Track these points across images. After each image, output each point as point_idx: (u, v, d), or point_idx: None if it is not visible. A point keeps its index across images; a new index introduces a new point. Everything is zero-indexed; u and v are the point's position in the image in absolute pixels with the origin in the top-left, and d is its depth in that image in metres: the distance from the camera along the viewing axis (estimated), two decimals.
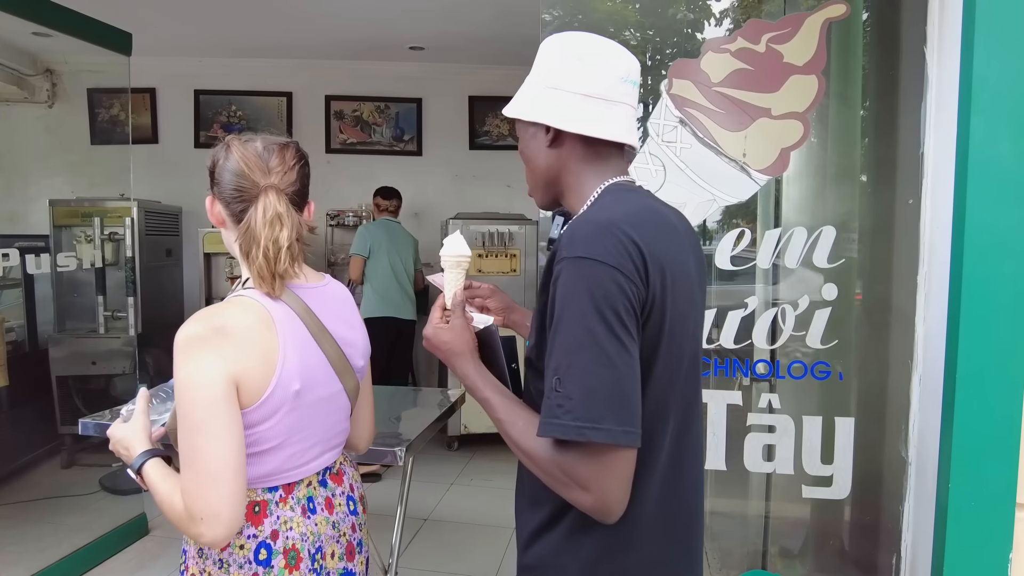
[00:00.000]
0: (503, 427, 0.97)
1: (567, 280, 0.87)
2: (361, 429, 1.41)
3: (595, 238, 0.88)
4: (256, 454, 1.16)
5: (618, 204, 0.97)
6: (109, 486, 3.65)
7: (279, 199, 1.18)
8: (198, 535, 1.08)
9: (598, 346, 0.84)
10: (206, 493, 1.07)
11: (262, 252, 1.14)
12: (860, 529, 1.66)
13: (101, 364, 3.88)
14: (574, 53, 1.01)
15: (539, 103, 1.03)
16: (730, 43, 1.52)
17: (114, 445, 1.24)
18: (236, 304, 1.17)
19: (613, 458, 0.85)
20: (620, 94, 1.01)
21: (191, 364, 1.08)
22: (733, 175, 1.52)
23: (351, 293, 1.41)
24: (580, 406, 0.83)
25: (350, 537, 1.33)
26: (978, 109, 1.18)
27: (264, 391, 1.13)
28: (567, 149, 1.03)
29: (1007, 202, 1.18)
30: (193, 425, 1.08)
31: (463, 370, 1.07)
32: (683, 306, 0.95)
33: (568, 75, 1.00)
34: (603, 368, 0.84)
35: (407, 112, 5.14)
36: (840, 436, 1.53)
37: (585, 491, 0.86)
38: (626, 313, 0.85)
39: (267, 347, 1.14)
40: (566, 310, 0.87)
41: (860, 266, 1.60)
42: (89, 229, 3.77)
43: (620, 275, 0.85)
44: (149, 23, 3.51)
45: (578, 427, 0.83)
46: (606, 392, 0.83)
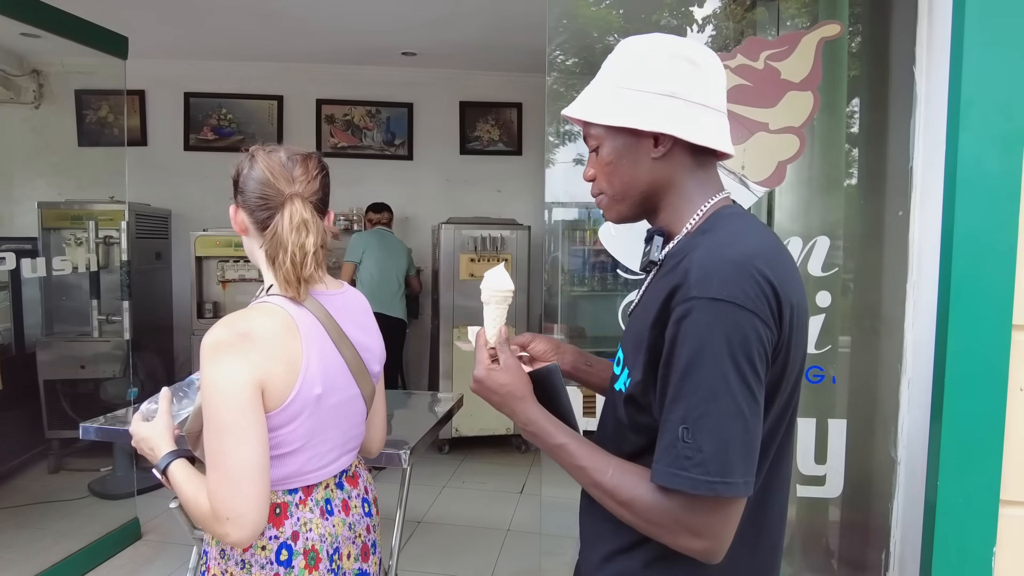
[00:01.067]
0: (587, 474, 0.92)
1: (701, 323, 0.82)
2: (374, 433, 1.44)
3: (732, 278, 0.82)
4: (278, 456, 1.20)
5: (746, 235, 0.90)
6: (99, 491, 3.62)
7: (304, 206, 1.21)
8: (224, 535, 1.11)
9: (731, 397, 0.80)
10: (232, 494, 1.10)
11: (289, 258, 1.18)
12: (851, 526, 1.73)
13: (90, 368, 3.85)
14: (687, 58, 0.94)
15: (651, 111, 0.93)
16: (730, 59, 1.58)
17: (138, 443, 1.27)
18: (261, 310, 1.20)
19: (732, 508, 0.83)
20: (724, 103, 0.96)
21: (218, 368, 1.11)
22: (732, 187, 1.58)
23: None
24: (713, 461, 0.80)
25: (365, 538, 1.36)
26: (966, 127, 1.25)
27: (288, 395, 1.16)
28: (676, 162, 0.95)
29: (993, 216, 1.25)
30: (220, 428, 1.11)
31: (527, 415, 0.98)
32: (802, 346, 0.91)
33: (683, 82, 0.92)
34: (736, 420, 0.81)
35: (398, 117, 5.16)
36: (833, 437, 1.59)
37: (698, 538, 0.84)
38: (760, 360, 0.82)
39: (291, 352, 1.17)
40: (700, 355, 0.81)
41: (852, 274, 1.67)
42: (79, 232, 3.74)
43: (758, 320, 0.81)
44: (139, 25, 3.50)
45: (709, 482, 0.80)
46: (738, 446, 0.81)
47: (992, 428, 1.26)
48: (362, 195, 5.02)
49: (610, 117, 0.95)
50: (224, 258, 4.42)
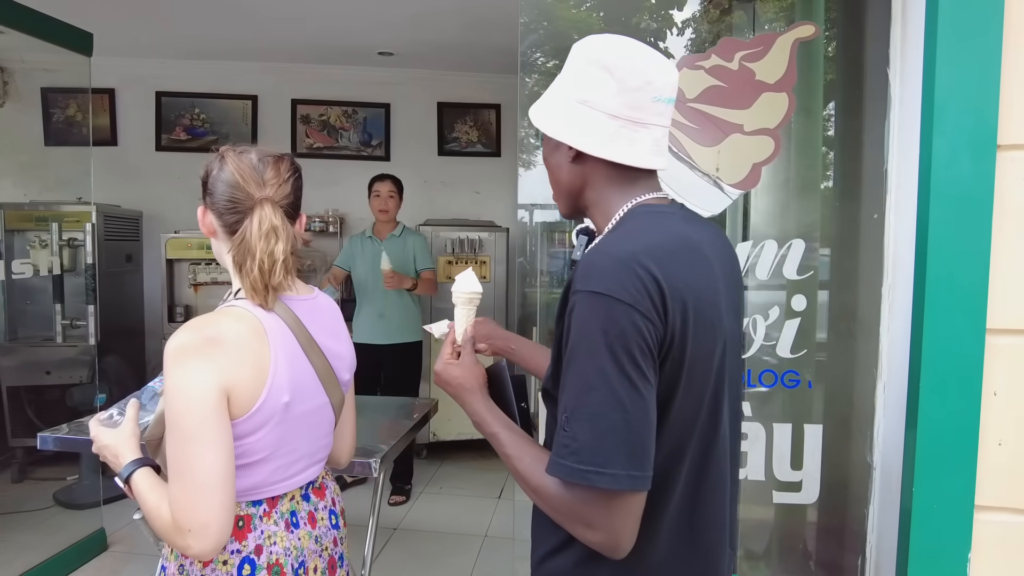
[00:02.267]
0: (511, 463, 0.96)
1: (580, 315, 0.85)
2: (343, 443, 1.40)
3: (612, 272, 0.84)
4: (243, 466, 1.15)
5: (641, 232, 0.91)
6: (64, 500, 3.52)
7: (274, 212, 1.17)
8: (185, 547, 1.07)
9: (609, 387, 0.81)
10: (195, 504, 1.05)
11: (257, 265, 1.14)
12: (827, 532, 1.72)
13: (56, 374, 3.74)
14: (605, 64, 0.94)
15: (562, 118, 0.97)
16: (704, 60, 1.57)
17: (100, 449, 1.22)
18: (229, 314, 1.16)
19: (621, 502, 0.84)
20: (651, 114, 0.93)
21: (182, 373, 1.07)
22: (706, 189, 1.56)
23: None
24: (587, 449, 0.82)
25: (332, 551, 1.32)
26: (939, 131, 1.24)
27: (255, 402, 1.12)
28: (590, 168, 0.97)
29: (967, 219, 1.24)
30: (183, 435, 1.06)
31: (472, 406, 1.06)
32: (707, 343, 0.90)
33: (596, 90, 0.93)
34: (613, 411, 0.81)
35: (375, 117, 5.10)
36: (809, 442, 1.58)
37: (593, 530, 0.85)
38: (640, 353, 0.82)
39: (259, 358, 1.13)
40: (579, 347, 0.84)
41: (827, 278, 1.66)
42: (44, 234, 3.64)
43: (636, 313, 0.82)
44: (109, 22, 3.41)
45: (583, 471, 0.82)
46: (615, 436, 0.81)
47: (967, 433, 1.26)
48: (338, 197, 4.95)
49: (537, 120, 1.01)
50: (196, 261, 4.33)
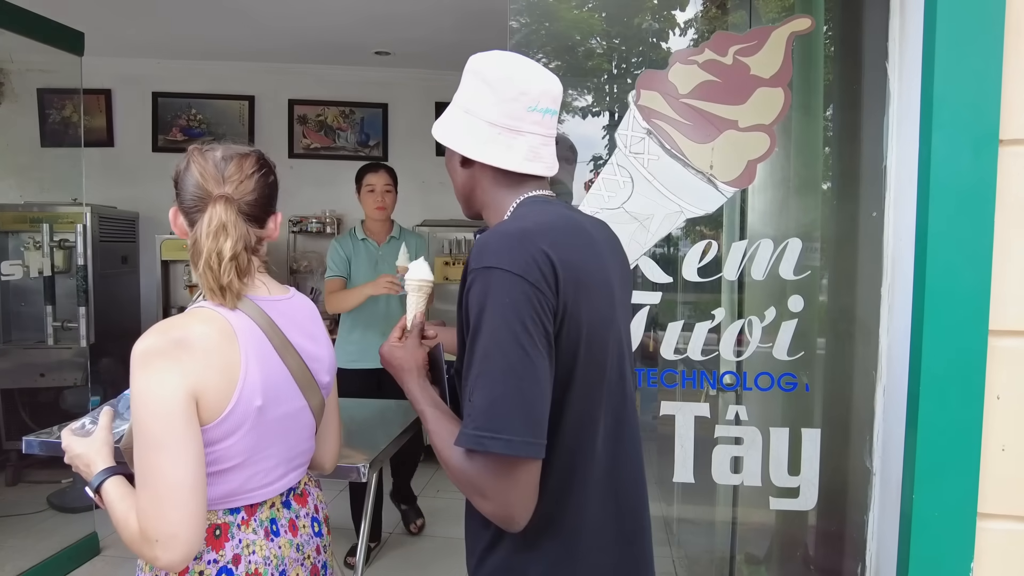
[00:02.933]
0: (432, 438, 1.00)
1: (476, 291, 0.89)
2: (327, 448, 1.37)
3: (503, 248, 0.89)
4: (216, 473, 1.12)
5: (530, 215, 0.98)
6: (57, 504, 3.49)
7: (227, 209, 1.13)
8: (153, 558, 1.03)
9: (503, 356, 0.85)
10: (162, 513, 1.02)
11: (204, 262, 1.11)
12: (826, 538, 1.68)
13: (50, 376, 3.71)
14: (485, 77, 1.02)
15: (451, 127, 1.05)
16: (698, 55, 1.53)
17: (72, 459, 1.19)
18: (196, 316, 1.13)
19: (514, 469, 0.86)
20: (528, 123, 1.00)
21: (148, 378, 1.04)
22: (700, 187, 1.52)
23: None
24: (482, 416, 0.84)
25: (315, 560, 1.29)
26: (939, 126, 1.20)
27: (225, 407, 1.09)
28: (478, 171, 1.05)
29: (968, 218, 1.20)
30: (150, 441, 1.03)
31: (408, 385, 1.11)
32: (603, 311, 0.95)
33: (477, 100, 1.02)
34: (507, 378, 0.84)
35: (372, 117, 5.07)
36: (807, 447, 1.54)
37: (486, 499, 0.88)
38: (532, 323, 0.86)
39: (228, 361, 1.10)
40: (478, 320, 0.88)
41: (825, 278, 1.62)
42: (38, 236, 3.61)
43: (527, 284, 0.86)
44: (105, 22, 3.40)
45: (478, 436, 0.84)
46: (509, 403, 0.84)
47: (969, 438, 1.21)
48: (336, 197, 4.93)
49: (433, 128, 1.09)
50: None
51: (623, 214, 1.52)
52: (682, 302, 1.63)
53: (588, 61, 1.87)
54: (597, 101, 1.87)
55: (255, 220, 1.19)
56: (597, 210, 1.51)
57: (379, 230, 3.24)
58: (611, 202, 1.52)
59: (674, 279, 1.57)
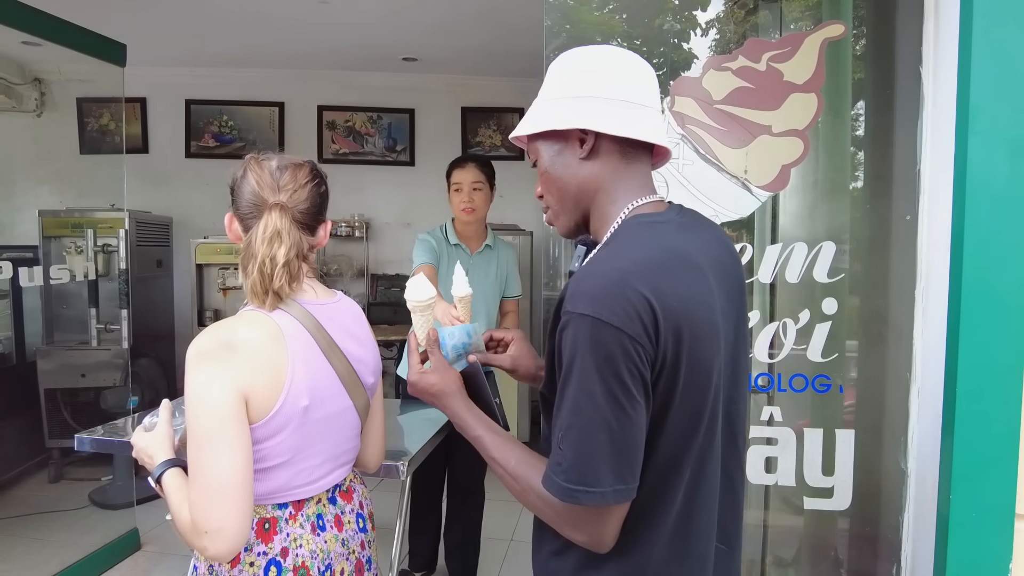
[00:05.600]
0: (496, 464, 0.98)
1: (571, 337, 0.84)
2: (372, 447, 1.41)
3: (601, 295, 0.83)
4: (264, 470, 1.17)
5: (633, 248, 0.90)
6: (99, 500, 3.59)
7: (282, 216, 1.19)
8: (202, 548, 1.09)
9: (596, 409, 0.82)
10: (211, 507, 1.07)
11: (257, 268, 1.16)
12: (860, 540, 1.68)
13: (90, 376, 3.83)
14: (602, 64, 0.97)
15: (571, 112, 0.95)
16: (731, 61, 1.55)
17: (137, 453, 1.26)
18: (246, 319, 1.18)
19: (605, 513, 0.87)
20: (651, 99, 0.97)
21: (200, 378, 1.10)
22: (735, 191, 1.55)
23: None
24: (574, 470, 0.84)
25: (359, 555, 1.33)
26: (975, 131, 1.21)
27: (273, 406, 1.14)
28: (603, 160, 0.96)
29: (1004, 220, 1.21)
30: (200, 438, 1.08)
31: (453, 408, 1.07)
32: (705, 359, 0.88)
33: (600, 82, 0.95)
34: (599, 432, 0.83)
35: (399, 123, 5.15)
36: (840, 448, 1.55)
37: (580, 532, 0.89)
38: (630, 376, 0.82)
39: (276, 362, 1.15)
40: (571, 369, 0.85)
41: (858, 281, 1.63)
42: (80, 240, 3.73)
43: (625, 336, 0.81)
44: (140, 33, 3.49)
45: (570, 490, 0.84)
46: (600, 456, 0.83)
47: (1006, 438, 1.22)
48: (364, 202, 5.01)
49: (539, 124, 0.97)
50: (225, 265, 4.41)
51: None
52: None
53: None
54: None
55: (307, 228, 1.24)
56: None
57: (471, 235, 2.74)
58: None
59: None
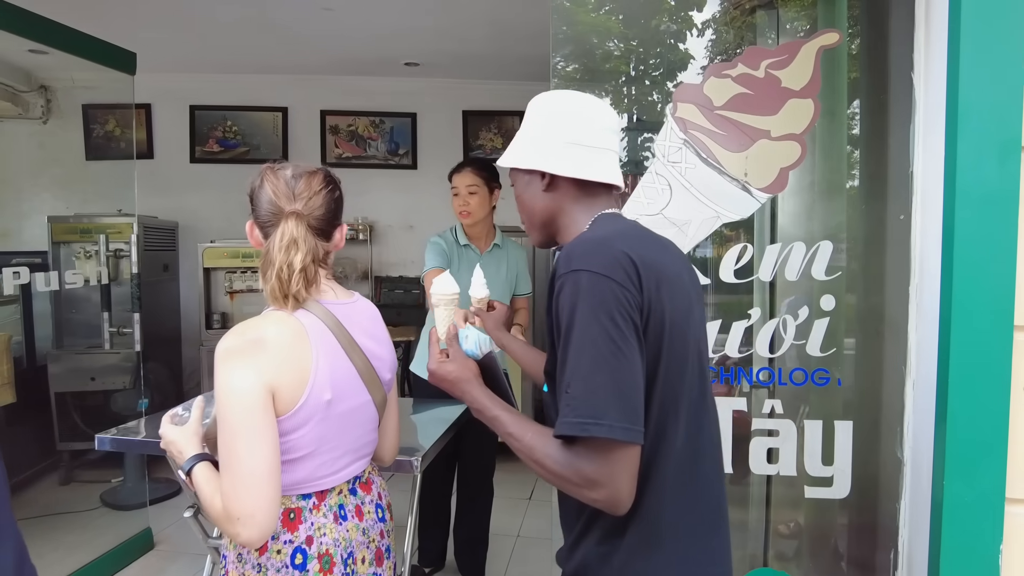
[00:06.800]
0: (513, 441, 1.04)
1: (567, 293, 0.96)
2: (387, 441, 1.47)
3: (587, 252, 0.97)
4: (290, 461, 1.23)
5: (607, 226, 1.08)
6: (111, 502, 3.64)
7: (298, 224, 1.25)
8: (235, 534, 1.14)
9: (596, 349, 0.92)
10: (242, 495, 1.13)
11: (275, 274, 1.22)
12: (859, 527, 1.74)
13: (100, 380, 3.87)
14: (562, 108, 1.12)
15: (532, 153, 1.12)
16: (731, 68, 1.61)
17: (166, 444, 1.31)
18: (272, 318, 1.24)
19: (616, 453, 0.92)
20: (604, 141, 1.11)
21: (230, 374, 1.15)
22: (735, 193, 1.61)
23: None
24: (583, 404, 0.91)
25: (379, 543, 1.38)
26: (964, 135, 1.27)
27: (298, 400, 1.19)
28: (561, 192, 1.12)
29: (993, 220, 1.27)
30: (231, 431, 1.14)
31: (471, 394, 1.13)
32: (682, 309, 1.01)
33: (558, 127, 1.11)
34: (602, 370, 0.91)
35: (401, 126, 5.20)
36: (839, 438, 1.61)
37: (596, 487, 0.93)
38: (621, 318, 0.93)
39: (301, 358, 1.21)
40: (571, 321, 0.94)
41: (855, 278, 1.69)
42: (89, 245, 3.78)
43: (613, 283, 0.94)
44: (145, 40, 3.53)
45: (581, 423, 0.90)
46: (606, 391, 0.91)
47: (996, 428, 1.28)
48: (367, 205, 5.06)
49: (508, 161, 1.16)
50: (232, 269, 4.46)
51: (662, 220, 1.61)
52: (715, 303, 1.71)
53: (606, 64, 1.90)
54: (615, 103, 1.90)
55: (323, 233, 1.30)
56: (637, 216, 1.60)
57: (478, 235, 2.87)
58: (650, 208, 1.61)
59: (712, 280, 1.66)
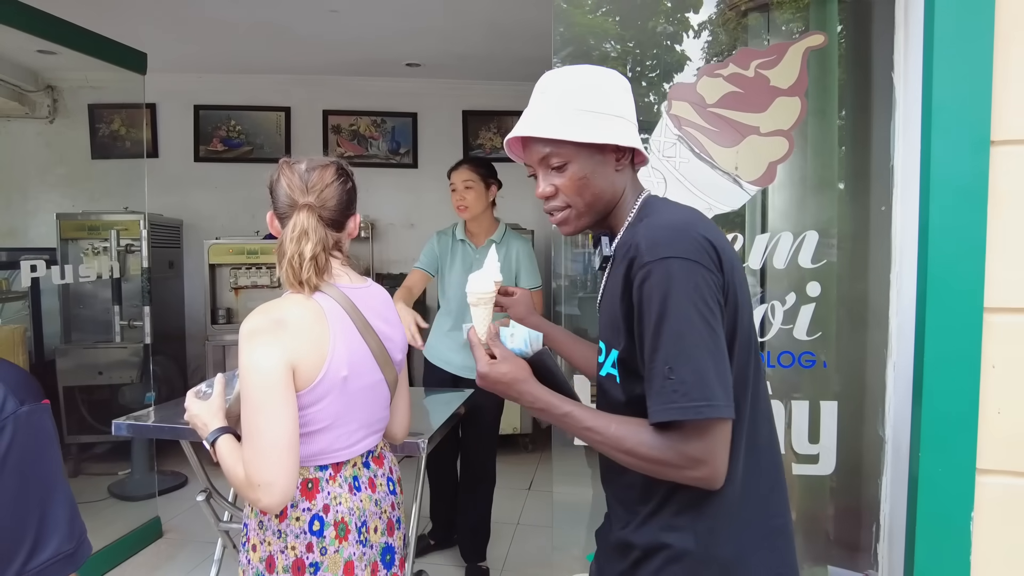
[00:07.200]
0: (593, 435, 1.02)
1: (656, 280, 0.96)
2: (398, 419, 1.55)
3: (674, 240, 0.98)
4: (309, 434, 1.31)
5: (676, 210, 1.09)
6: (119, 493, 3.71)
7: (309, 216, 1.34)
8: (255, 500, 1.23)
9: (697, 334, 0.94)
10: (263, 463, 1.21)
11: (287, 262, 1.31)
12: (844, 501, 1.83)
13: (108, 374, 3.95)
14: (621, 85, 1.12)
15: (616, 130, 1.07)
16: (723, 68, 1.70)
17: (190, 416, 1.39)
18: (292, 300, 1.33)
19: (720, 430, 0.95)
20: (635, 115, 1.14)
21: (253, 351, 1.24)
22: (726, 186, 1.70)
23: None
24: (695, 388, 0.93)
25: (390, 515, 1.47)
26: (937, 129, 1.36)
27: (317, 376, 1.28)
28: (627, 171, 1.13)
29: (964, 209, 1.36)
30: (254, 404, 1.23)
31: (533, 394, 1.07)
32: (745, 289, 1.05)
33: (626, 103, 1.10)
34: (704, 353, 0.94)
35: (403, 126, 5.29)
36: (825, 418, 1.70)
37: (700, 465, 0.95)
38: (712, 300, 0.96)
39: (319, 337, 1.29)
40: (664, 307, 0.95)
41: (840, 266, 1.78)
42: (97, 242, 3.87)
43: (702, 268, 0.96)
44: (150, 40, 3.59)
45: (696, 407, 0.92)
46: (711, 374, 0.94)
47: (968, 403, 1.37)
48: (369, 203, 5.13)
49: (589, 135, 1.05)
50: (236, 265, 4.54)
51: None
52: None
53: (602, 65, 1.94)
54: None
55: (335, 223, 1.39)
56: None
57: (476, 231, 2.92)
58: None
59: None
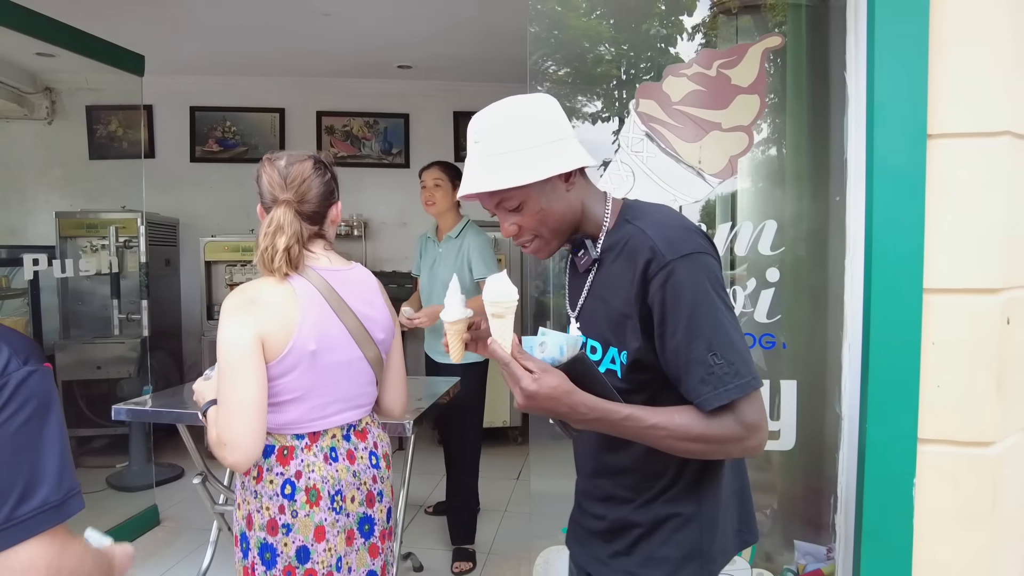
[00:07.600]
0: (657, 431, 1.02)
1: (683, 275, 1.02)
2: (392, 396, 1.65)
3: (686, 238, 1.06)
4: (280, 403, 1.43)
5: (663, 211, 1.17)
6: (117, 484, 3.80)
7: (286, 211, 1.45)
8: (223, 458, 1.37)
9: (727, 319, 1.03)
10: (230, 424, 1.36)
11: (260, 253, 1.44)
12: (804, 475, 1.93)
13: (106, 369, 4.03)
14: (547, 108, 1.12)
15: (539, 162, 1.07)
16: (687, 68, 1.81)
17: (197, 396, 1.56)
18: (267, 281, 1.46)
19: (760, 398, 1.05)
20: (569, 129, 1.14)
21: (228, 325, 1.38)
22: (691, 179, 1.80)
23: None
24: (743, 367, 1.01)
25: (371, 487, 1.55)
26: (879, 124, 1.47)
27: (284, 348, 1.40)
28: (578, 186, 1.14)
29: (904, 197, 1.47)
30: (227, 371, 1.37)
31: (587, 404, 1.01)
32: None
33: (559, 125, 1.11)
34: (738, 334, 1.04)
35: (395, 127, 5.39)
36: (785, 397, 1.80)
37: (758, 431, 1.03)
38: (725, 287, 1.07)
39: (288, 313, 1.42)
40: (694, 300, 1.01)
41: (797, 253, 1.88)
42: (95, 239, 3.96)
43: (714, 259, 1.06)
44: (147, 43, 3.67)
45: (747, 382, 1.01)
46: (747, 351, 1.04)
47: (909, 378, 1.48)
48: (362, 202, 5.24)
49: (533, 175, 1.06)
50: (232, 262, 4.64)
51: None
52: None
53: (597, 68, 1.95)
54: (606, 107, 1.94)
55: (315, 214, 1.51)
56: None
57: (441, 226, 3.02)
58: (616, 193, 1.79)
59: None
